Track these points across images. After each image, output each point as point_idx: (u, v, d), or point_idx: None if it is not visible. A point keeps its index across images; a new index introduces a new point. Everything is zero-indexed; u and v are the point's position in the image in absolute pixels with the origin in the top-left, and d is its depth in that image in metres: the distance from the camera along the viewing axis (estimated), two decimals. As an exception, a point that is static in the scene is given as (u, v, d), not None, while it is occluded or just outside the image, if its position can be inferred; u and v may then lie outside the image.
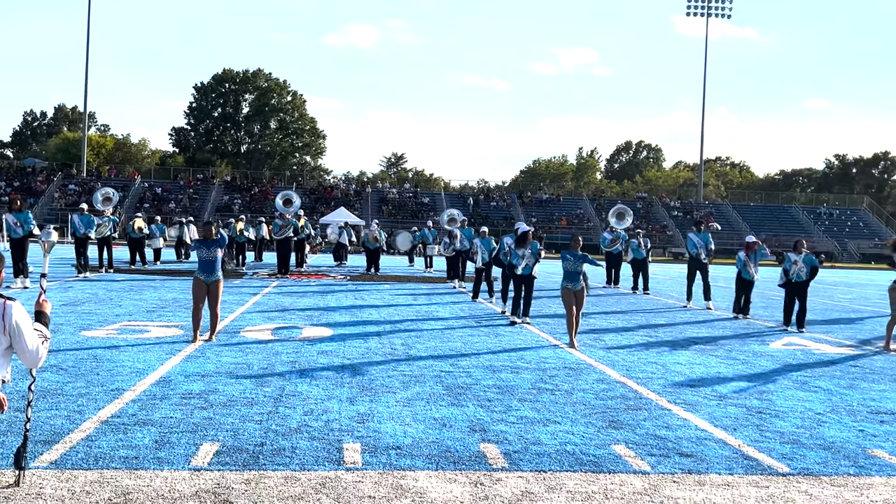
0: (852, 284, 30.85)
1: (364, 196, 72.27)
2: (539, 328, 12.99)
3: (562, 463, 5.41)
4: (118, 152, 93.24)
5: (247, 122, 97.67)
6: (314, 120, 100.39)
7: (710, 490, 4.97)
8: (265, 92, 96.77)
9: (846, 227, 74.32)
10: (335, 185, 76.58)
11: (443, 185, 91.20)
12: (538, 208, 72.40)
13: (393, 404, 7.01)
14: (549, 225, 66.99)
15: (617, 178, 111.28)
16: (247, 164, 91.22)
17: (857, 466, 5.59)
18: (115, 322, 11.95)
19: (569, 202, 75.94)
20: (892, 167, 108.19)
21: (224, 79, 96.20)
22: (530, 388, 7.98)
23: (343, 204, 64.82)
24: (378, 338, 11.26)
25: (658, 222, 70.28)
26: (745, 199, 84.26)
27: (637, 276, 22.35)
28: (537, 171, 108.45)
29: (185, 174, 76.47)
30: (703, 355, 10.60)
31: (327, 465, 5.18)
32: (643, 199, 77.52)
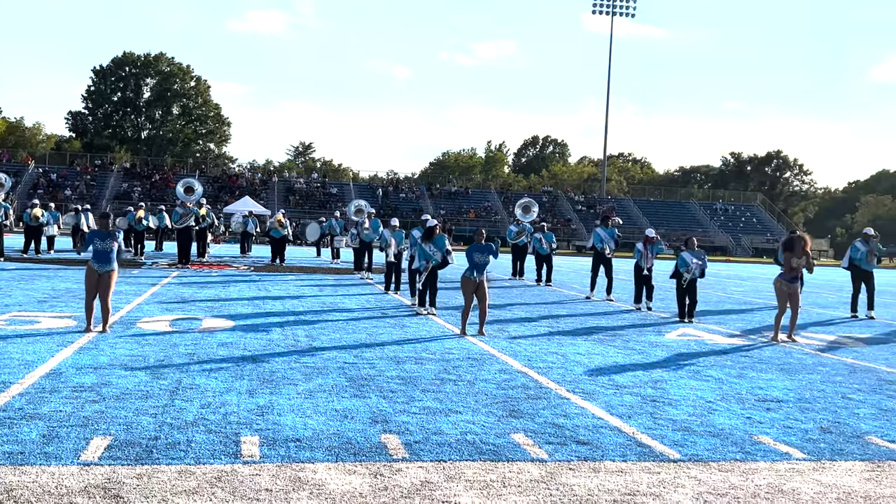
0: (745, 278, 32.14)
1: (270, 185, 71.11)
2: (445, 319, 13.06)
3: (462, 452, 5.46)
4: (10, 136, 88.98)
5: (148, 108, 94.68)
6: (218, 106, 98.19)
7: (604, 476, 5.10)
8: (167, 77, 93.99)
9: (740, 222, 77.39)
10: (240, 174, 75.06)
11: (351, 176, 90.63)
12: (447, 200, 72.74)
13: (294, 396, 6.93)
14: (458, 217, 67.40)
15: (524, 172, 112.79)
16: (148, 151, 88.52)
17: (744, 452, 5.83)
18: (3, 313, 11.42)
19: (477, 195, 76.57)
20: (783, 165, 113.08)
21: (124, 62, 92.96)
22: (433, 378, 8.02)
23: (248, 193, 63.67)
24: (281, 329, 11.12)
25: (563, 216, 71.62)
26: (645, 195, 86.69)
27: (541, 268, 22.71)
28: (446, 163, 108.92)
29: (82, 160, 73.63)
30: (602, 345, 10.86)
31: (224, 459, 5.09)
32: (549, 193, 78.88)
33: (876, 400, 7.92)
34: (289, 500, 4.41)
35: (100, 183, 66.54)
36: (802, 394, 8.09)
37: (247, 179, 71.64)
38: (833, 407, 7.51)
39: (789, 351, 11.13)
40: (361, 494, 4.55)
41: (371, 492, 4.60)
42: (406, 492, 4.63)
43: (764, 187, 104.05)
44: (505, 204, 70.75)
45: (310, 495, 4.50)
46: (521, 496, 4.65)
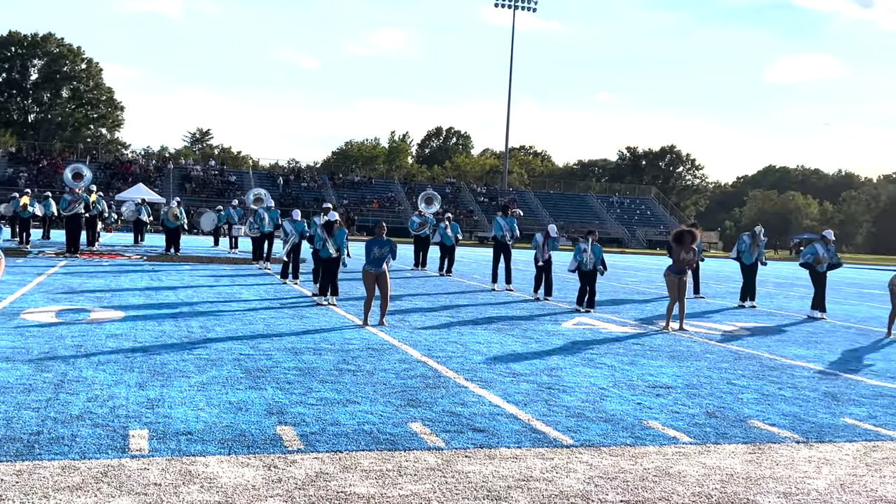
0: (639, 268, 33.12)
1: (165, 173, 69.02)
2: (345, 310, 12.97)
3: (358, 442, 5.44)
4: None
5: (35, 90, 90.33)
6: (111, 90, 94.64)
7: (499, 463, 5.16)
8: (56, 58, 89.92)
9: (635, 215, 79.70)
10: (133, 161, 72.54)
11: (251, 164, 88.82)
12: (350, 190, 72.24)
13: (186, 389, 6.75)
14: (361, 207, 67.03)
15: (427, 163, 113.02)
16: (35, 135, 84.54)
17: (634, 437, 6.01)
18: None
19: (380, 185, 76.31)
20: (676, 160, 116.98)
21: (9, 42, 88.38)
22: (332, 369, 7.96)
23: (142, 180, 61.62)
24: (174, 320, 10.81)
25: (465, 207, 72.16)
26: (545, 187, 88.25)
27: (444, 258, 22.81)
28: (349, 152, 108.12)
29: (-38, 143, 69.75)
30: (500, 335, 11.00)
31: (110, 453, 4.91)
32: (452, 184, 79.32)
33: (758, 385, 8.29)
34: (178, 494, 4.30)
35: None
36: (690, 380, 8.39)
37: (140, 166, 69.31)
38: (719, 392, 7.82)
39: (679, 339, 11.53)
40: (254, 487, 4.47)
41: (264, 484, 4.53)
42: (300, 483, 4.57)
43: (658, 181, 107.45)
44: (408, 194, 70.79)
45: (200, 489, 4.39)
46: (416, 484, 4.66)
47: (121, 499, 4.19)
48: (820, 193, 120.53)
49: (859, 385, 8.60)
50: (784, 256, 67.77)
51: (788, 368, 9.44)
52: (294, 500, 4.31)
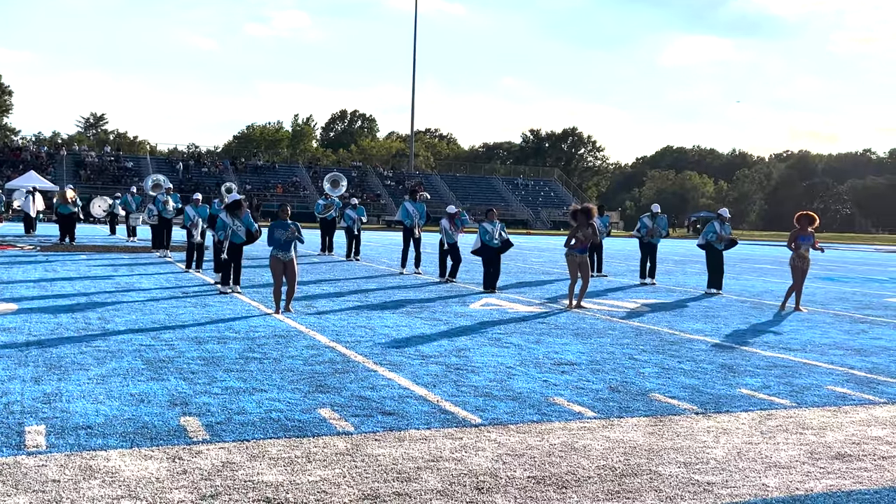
0: (543, 249, 33.73)
1: (58, 159, 66.25)
2: (250, 297, 12.76)
3: (266, 431, 5.37)
4: None
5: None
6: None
7: (409, 445, 5.19)
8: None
9: (539, 196, 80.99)
10: (24, 147, 69.30)
11: (149, 150, 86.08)
12: (253, 175, 70.90)
13: (85, 382, 6.53)
14: (265, 192, 65.89)
15: (333, 147, 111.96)
16: (-88, 120, 79.77)
17: (541, 414, 6.13)
18: None
19: (284, 169, 75.19)
20: (578, 142, 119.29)
21: None
22: (237, 357, 7.83)
23: (33, 167, 58.92)
24: (70, 312, 10.42)
25: (372, 191, 71.86)
26: (452, 170, 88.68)
27: (350, 242, 22.68)
28: (252, 136, 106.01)
29: None
30: (409, 317, 11.03)
31: (5, 451, 4.71)
32: (358, 168, 78.78)
33: (659, 359, 8.57)
34: (79, 489, 4.16)
35: None
36: (594, 356, 8.61)
37: (31, 153, 66.27)
38: (621, 367, 8.04)
39: (583, 317, 11.80)
40: (158, 479, 4.37)
41: (169, 476, 4.43)
42: (206, 474, 4.49)
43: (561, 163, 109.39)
44: (314, 179, 69.99)
45: (102, 483, 4.26)
46: (325, 469, 4.64)
47: (17, 497, 4.02)
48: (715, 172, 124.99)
49: (754, 357, 8.99)
50: (682, 234, 70.08)
51: (687, 342, 9.79)
52: (200, 491, 4.23)
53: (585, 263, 13.00)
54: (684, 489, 4.56)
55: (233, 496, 4.17)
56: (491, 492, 4.40)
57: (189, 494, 4.17)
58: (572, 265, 12.93)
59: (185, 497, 4.13)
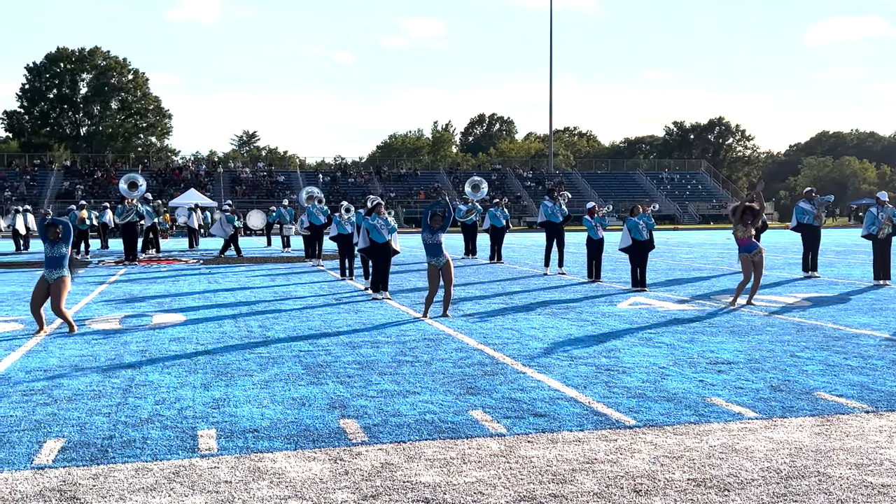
0: (693, 244, 32.69)
1: (215, 177, 70.12)
2: (399, 302, 13.06)
3: (421, 432, 5.48)
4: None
5: (85, 103, 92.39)
6: (158, 99, 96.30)
7: (562, 447, 5.16)
8: (104, 71, 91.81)
9: (686, 190, 78.56)
10: (184, 167, 73.83)
11: (298, 163, 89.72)
12: (396, 183, 72.53)
13: (250, 387, 6.88)
14: (408, 199, 67.29)
15: (472, 151, 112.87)
16: (88, 148, 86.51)
17: (698, 415, 5.95)
18: (-57, 320, 11.12)
19: (426, 176, 76.47)
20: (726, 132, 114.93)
21: (58, 58, 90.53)
22: (390, 361, 8.03)
23: (193, 185, 62.68)
24: (234, 321, 11.01)
25: (512, 193, 71.92)
26: (592, 167, 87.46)
27: (494, 245, 22.79)
28: (394, 146, 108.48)
29: (20, 160, 71.76)
30: (555, 319, 10.96)
31: (181, 454, 5.03)
32: (497, 170, 79.07)
33: (823, 356, 8.13)
34: (249, 490, 4.39)
35: (40, 182, 64.94)
36: (752, 354, 8.27)
37: (191, 172, 70.51)
38: (782, 366, 7.69)
39: (738, 313, 11.36)
40: (322, 480, 4.55)
41: (332, 477, 4.60)
42: (367, 474, 4.63)
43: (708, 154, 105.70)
44: (454, 183, 70.79)
45: (270, 484, 4.48)
46: (481, 471, 4.69)
47: (194, 497, 4.29)
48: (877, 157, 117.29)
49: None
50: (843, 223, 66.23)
51: (854, 338, 9.24)
52: (361, 491, 4.37)
53: (760, 261, 12.33)
54: (856, 492, 4.31)
55: (393, 496, 4.29)
56: (649, 494, 4.32)
57: (352, 495, 4.31)
58: (746, 263, 12.31)
59: (348, 497, 4.28)
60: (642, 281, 14.64)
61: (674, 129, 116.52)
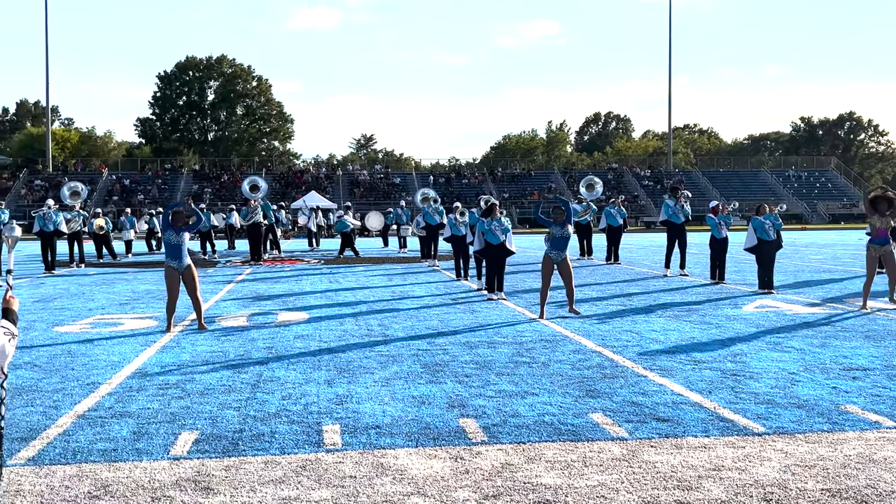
0: (822, 245, 31.24)
1: (335, 179, 71.90)
2: (515, 302, 13.04)
3: (540, 434, 5.46)
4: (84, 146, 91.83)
5: (213, 110, 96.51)
6: (281, 104, 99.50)
7: (687, 453, 5.03)
8: (230, 78, 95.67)
9: (815, 188, 75.15)
10: (305, 170, 76.06)
11: (413, 165, 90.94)
12: (510, 184, 72.48)
13: (371, 385, 7.02)
14: (522, 199, 67.14)
15: (587, 151, 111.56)
16: (215, 152, 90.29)
17: (831, 423, 5.68)
18: (88, 316, 11.83)
19: (540, 176, 76.08)
20: (857, 127, 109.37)
21: (188, 66, 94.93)
22: (507, 361, 8.02)
23: (314, 188, 64.45)
24: (354, 319, 11.25)
25: (629, 192, 70.63)
26: (714, 165, 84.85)
27: (611, 246, 22.44)
28: (507, 146, 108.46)
29: (153, 165, 75.63)
30: (677, 321, 10.70)
31: (307, 448, 5.19)
32: (614, 169, 77.83)
33: (969, 364, 7.62)
34: (373, 485, 4.48)
35: (171, 186, 68.26)
36: (890, 360, 7.83)
37: (312, 174, 72.56)
38: (923, 373, 7.25)
39: (873, 317, 10.78)
40: (444, 478, 4.59)
41: (453, 475, 4.64)
42: (487, 474, 4.65)
43: (837, 151, 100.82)
44: (569, 183, 70.14)
45: (393, 480, 4.56)
46: (603, 475, 4.62)
47: (320, 491, 4.41)
48: None
49: None
50: None
51: None
52: (482, 490, 4.38)
53: (890, 256, 11.66)
54: None
55: (514, 497, 4.29)
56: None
57: (473, 494, 4.34)
58: (870, 259, 11.68)
59: (469, 496, 4.31)
60: (769, 283, 14.11)
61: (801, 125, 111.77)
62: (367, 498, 4.30)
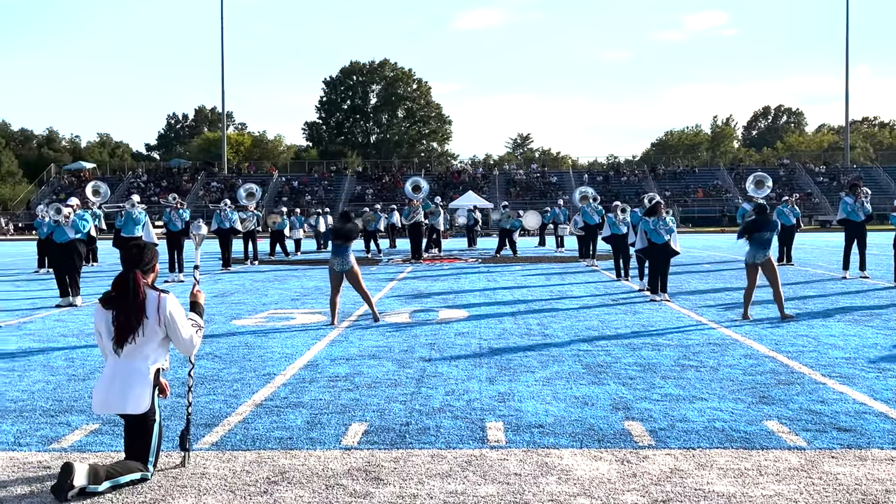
0: None
1: (491, 179, 72.39)
2: (679, 304, 12.66)
3: (711, 440, 5.27)
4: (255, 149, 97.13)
5: (375, 113, 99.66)
6: (440, 106, 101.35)
7: (872, 465, 4.71)
8: (392, 81, 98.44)
9: None
10: (462, 170, 77.02)
11: (570, 164, 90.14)
12: (672, 181, 70.44)
13: (532, 383, 7.01)
14: (685, 198, 65.10)
15: (755, 146, 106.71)
16: (377, 154, 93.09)
17: None
18: (262, 311, 12.48)
19: (704, 173, 73.49)
20: None
21: (352, 71, 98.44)
22: (673, 365, 7.80)
23: (471, 188, 65.15)
24: (513, 318, 11.28)
25: (802, 189, 66.94)
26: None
27: (783, 246, 21.35)
28: (669, 142, 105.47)
29: (319, 167, 78.89)
30: (857, 326, 10.04)
31: (472, 444, 5.24)
32: (785, 165, 74.00)
33: None
34: (538, 484, 4.47)
35: (336, 187, 70.99)
36: None
37: (469, 174, 73.38)
38: None
39: None
40: (610, 481, 4.52)
41: (619, 478, 4.55)
42: (656, 478, 4.53)
43: None
44: (736, 181, 67.34)
45: (558, 480, 4.53)
46: (780, 484, 4.40)
47: (486, 487, 4.45)
48: None
49: None
50: None
51: None
52: (651, 495, 4.28)
53: None
54: None
55: (684, 503, 4.16)
56: (984, 527, 3.81)
57: (641, 498, 4.24)
58: None
59: (637, 500, 4.22)
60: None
61: None
62: (533, 496, 4.30)
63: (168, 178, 73.38)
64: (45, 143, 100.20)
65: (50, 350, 9.00)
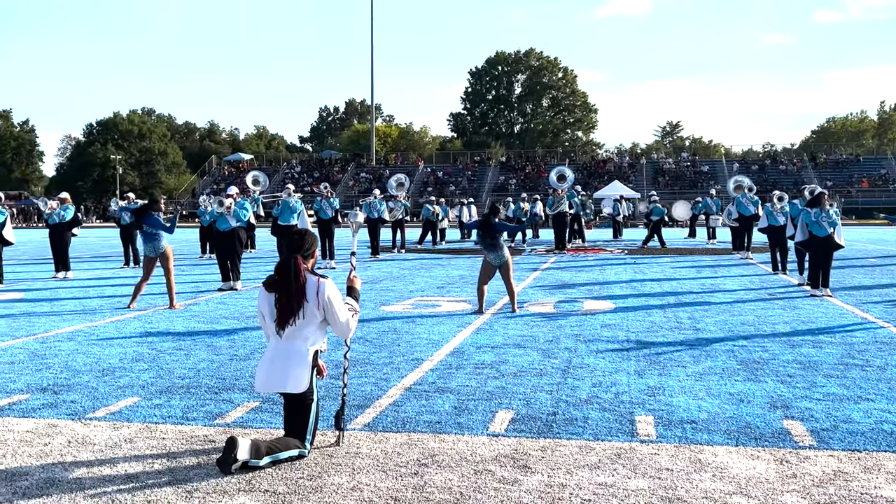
0: None
1: (638, 168, 70.79)
2: (843, 300, 11.97)
3: (878, 443, 4.96)
4: (402, 140, 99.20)
5: (520, 103, 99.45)
6: (585, 94, 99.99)
7: None
8: (537, 71, 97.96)
9: None
10: (608, 159, 75.70)
11: (723, 152, 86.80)
12: (833, 170, 66.61)
13: (684, 378, 6.82)
14: (848, 188, 61.42)
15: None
16: (520, 144, 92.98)
17: None
18: (409, 297, 12.75)
19: (870, 161, 69.05)
20: None
21: (497, 61, 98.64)
22: (836, 363, 7.39)
23: (617, 177, 63.98)
24: (662, 311, 11.00)
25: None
26: None
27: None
28: (831, 129, 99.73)
29: (463, 157, 79.63)
30: None
31: (620, 437, 5.16)
32: (964, 153, 68.47)
33: None
34: (691, 480, 4.35)
35: (479, 177, 71.44)
36: None
37: (615, 164, 72.04)
38: None
39: None
40: (768, 480, 4.34)
41: (778, 478, 4.36)
42: (818, 480, 4.32)
43: None
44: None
45: (712, 477, 4.39)
46: (959, 496, 4.09)
47: (637, 481, 4.37)
48: None
49: None
50: None
51: None
52: (812, 497, 4.08)
53: None
54: None
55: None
56: None
57: (802, 499, 4.05)
58: None
59: (798, 501, 4.03)
60: None
61: None
62: (686, 492, 4.18)
63: (320, 169, 76.12)
64: (207, 135, 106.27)
65: (213, 331, 9.54)
